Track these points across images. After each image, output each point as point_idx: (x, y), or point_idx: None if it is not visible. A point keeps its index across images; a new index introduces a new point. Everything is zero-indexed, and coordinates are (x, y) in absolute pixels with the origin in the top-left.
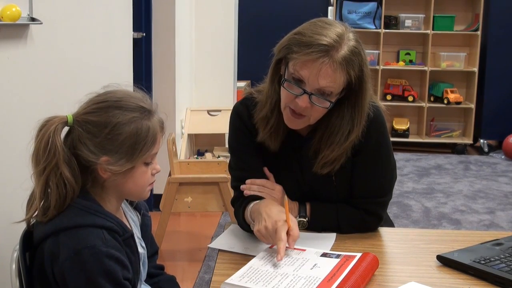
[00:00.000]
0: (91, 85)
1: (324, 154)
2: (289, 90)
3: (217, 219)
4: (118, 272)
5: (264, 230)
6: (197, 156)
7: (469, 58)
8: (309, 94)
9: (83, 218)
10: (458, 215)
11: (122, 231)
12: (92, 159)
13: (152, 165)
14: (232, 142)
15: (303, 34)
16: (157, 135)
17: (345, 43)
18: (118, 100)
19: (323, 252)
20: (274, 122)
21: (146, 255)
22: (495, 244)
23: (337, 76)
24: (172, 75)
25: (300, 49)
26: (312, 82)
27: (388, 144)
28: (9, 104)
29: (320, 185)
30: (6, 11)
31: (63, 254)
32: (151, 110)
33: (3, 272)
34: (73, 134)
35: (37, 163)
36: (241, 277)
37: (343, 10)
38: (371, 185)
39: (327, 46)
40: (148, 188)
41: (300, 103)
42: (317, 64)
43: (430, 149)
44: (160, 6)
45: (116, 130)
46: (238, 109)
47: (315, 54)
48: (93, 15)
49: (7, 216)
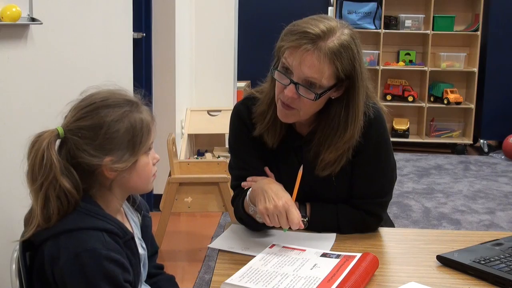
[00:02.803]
0: (91, 85)
1: (323, 157)
2: (279, 80)
3: (217, 219)
4: (118, 275)
5: (273, 208)
6: (197, 156)
7: (469, 58)
8: (295, 83)
9: (83, 221)
10: (458, 215)
11: (123, 233)
12: (96, 163)
13: (151, 154)
14: (232, 142)
15: (297, 25)
16: (150, 125)
17: (336, 36)
18: (104, 99)
19: (323, 252)
20: (271, 116)
21: (146, 256)
22: (495, 244)
23: (323, 67)
24: (172, 75)
25: (287, 37)
26: (296, 69)
27: (388, 145)
28: (9, 104)
29: (320, 185)
30: (6, 11)
31: (63, 257)
32: (138, 102)
33: (3, 272)
34: (68, 145)
35: (33, 180)
36: (241, 277)
37: (343, 10)
38: (371, 186)
39: (312, 34)
40: (152, 179)
41: (287, 93)
42: (300, 51)
43: (430, 149)
44: (160, 6)
45: (112, 129)
46: (238, 109)
47: (298, 40)
48: (93, 15)
49: (7, 216)
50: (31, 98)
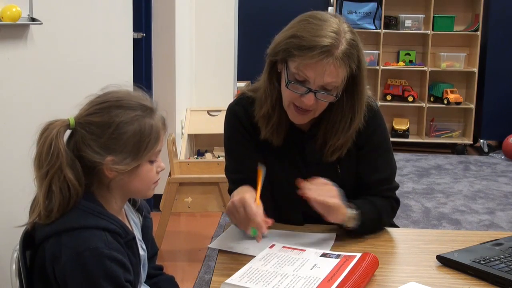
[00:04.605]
0: (91, 85)
1: (331, 143)
2: (294, 91)
3: (217, 219)
4: (120, 274)
5: (230, 204)
6: (197, 156)
7: (469, 58)
8: (314, 92)
9: (85, 220)
10: (458, 215)
11: (125, 233)
12: (97, 160)
13: (156, 163)
14: (228, 144)
15: (301, 37)
16: (160, 132)
17: (343, 37)
18: (119, 100)
19: (323, 252)
20: (276, 118)
21: (146, 257)
22: (495, 244)
23: (340, 72)
24: (172, 75)
25: (302, 53)
26: (317, 81)
27: (387, 129)
28: (9, 104)
29: (325, 177)
30: (6, 11)
31: (65, 255)
32: (153, 108)
33: (3, 272)
34: (76, 137)
35: (39, 167)
36: (241, 277)
37: (343, 10)
38: (384, 171)
39: (328, 46)
40: (153, 186)
41: (306, 102)
42: (321, 65)
43: (430, 149)
44: (160, 6)
45: (120, 130)
46: (234, 109)
47: (318, 56)
48: (93, 15)
49: (7, 216)
50: (31, 98)
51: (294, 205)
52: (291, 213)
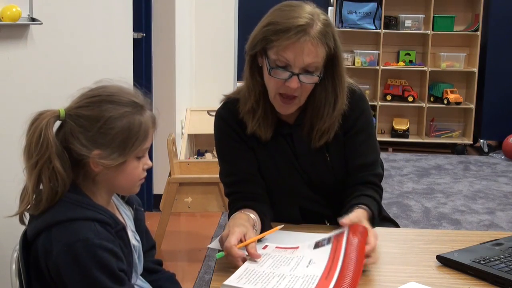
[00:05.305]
0: (91, 85)
1: (318, 127)
2: (277, 77)
3: (217, 219)
4: (112, 263)
5: (220, 238)
6: (197, 156)
7: (469, 58)
8: (297, 74)
9: (74, 212)
10: (458, 215)
11: (114, 223)
12: (84, 153)
13: (143, 160)
14: (220, 148)
15: (276, 22)
16: (149, 130)
17: (317, 17)
18: (110, 95)
19: (315, 242)
20: (261, 111)
21: (141, 248)
22: (495, 244)
23: (319, 51)
24: (172, 75)
25: (278, 36)
26: (298, 62)
27: (372, 114)
28: (9, 104)
29: (316, 166)
30: (6, 11)
31: (56, 248)
32: (143, 106)
33: (3, 272)
34: (65, 128)
35: (29, 157)
36: (238, 278)
37: (343, 10)
38: (368, 155)
39: (303, 25)
40: (138, 183)
41: (291, 85)
42: (299, 44)
43: (430, 149)
44: (160, 6)
45: (109, 124)
46: (221, 114)
47: (295, 36)
48: (93, 15)
49: (7, 219)
50: (31, 98)
51: (290, 199)
52: (288, 208)
